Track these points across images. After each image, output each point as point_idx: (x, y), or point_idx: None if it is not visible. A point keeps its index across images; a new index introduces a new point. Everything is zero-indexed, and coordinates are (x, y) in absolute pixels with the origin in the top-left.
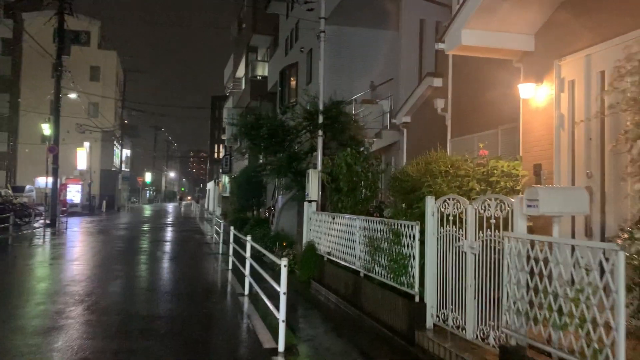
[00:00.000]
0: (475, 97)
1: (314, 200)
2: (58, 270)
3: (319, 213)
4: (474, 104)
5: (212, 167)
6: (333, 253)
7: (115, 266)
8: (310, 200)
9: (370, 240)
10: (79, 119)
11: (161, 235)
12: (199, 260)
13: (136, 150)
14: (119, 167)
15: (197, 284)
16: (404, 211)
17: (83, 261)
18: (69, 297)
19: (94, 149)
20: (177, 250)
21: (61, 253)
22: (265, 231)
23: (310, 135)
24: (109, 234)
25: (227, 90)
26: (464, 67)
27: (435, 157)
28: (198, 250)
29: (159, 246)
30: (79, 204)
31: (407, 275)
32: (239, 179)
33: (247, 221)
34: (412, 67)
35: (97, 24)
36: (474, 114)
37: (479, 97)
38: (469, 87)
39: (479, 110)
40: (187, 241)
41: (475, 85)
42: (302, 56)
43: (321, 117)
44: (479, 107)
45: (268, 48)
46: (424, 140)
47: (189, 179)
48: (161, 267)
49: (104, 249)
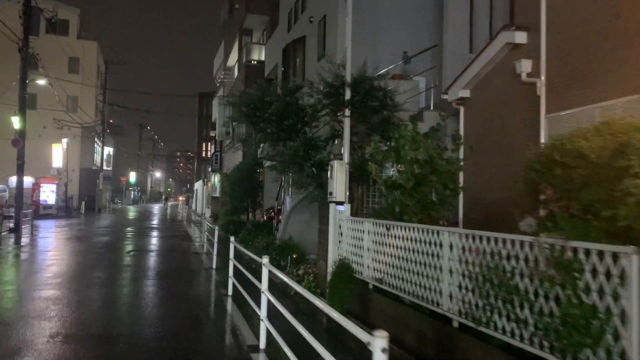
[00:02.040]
0: (596, 46)
1: (340, 201)
2: None
3: (358, 220)
4: (595, 56)
5: (199, 166)
6: (388, 281)
7: (77, 292)
8: (337, 201)
9: (488, 270)
10: (57, 113)
11: (143, 244)
12: (188, 280)
13: (120, 148)
14: (100, 165)
15: (189, 328)
16: (582, 223)
17: (31, 283)
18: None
19: (73, 145)
20: (161, 264)
21: (1, 271)
22: (269, 239)
23: (331, 116)
24: (81, 242)
25: (218, 80)
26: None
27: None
28: (187, 265)
29: (139, 259)
30: (54, 205)
31: (596, 346)
32: (232, 177)
33: (241, 225)
34: (462, 30)
35: (76, 12)
36: (595, 73)
37: (603, 45)
38: (583, 30)
39: (604, 66)
40: (173, 251)
41: (596, 27)
42: (312, 28)
43: (348, 91)
44: (605, 60)
45: (264, 30)
46: (493, 120)
47: (175, 179)
48: (139, 292)
49: (68, 265)
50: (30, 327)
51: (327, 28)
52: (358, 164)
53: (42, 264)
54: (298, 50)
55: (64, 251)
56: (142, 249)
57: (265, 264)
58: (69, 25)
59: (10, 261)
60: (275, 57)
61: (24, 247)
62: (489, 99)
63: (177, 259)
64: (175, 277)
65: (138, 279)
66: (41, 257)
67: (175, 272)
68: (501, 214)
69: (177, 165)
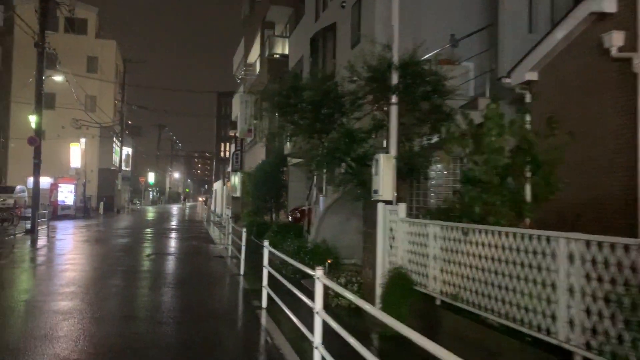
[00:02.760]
0: None
1: (387, 200)
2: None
3: (419, 222)
4: None
5: (218, 166)
6: (467, 297)
7: (91, 305)
8: (385, 200)
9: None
10: (76, 113)
11: (163, 246)
12: (214, 289)
13: (138, 149)
14: (119, 166)
15: (221, 354)
16: None
17: (41, 293)
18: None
19: (92, 146)
20: (183, 270)
21: (12, 278)
22: (299, 242)
23: (373, 104)
24: (98, 244)
25: (238, 77)
26: None
27: None
28: (212, 270)
29: (159, 264)
30: (72, 206)
31: None
32: (255, 176)
33: (265, 226)
34: (520, 8)
35: (95, 11)
36: None
37: None
38: None
39: None
40: (195, 254)
41: None
42: (343, 14)
43: (396, 75)
44: None
45: (287, 23)
46: (570, 106)
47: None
48: (159, 304)
49: (84, 271)
50: (31, 352)
51: (363, 12)
52: (406, 158)
53: (56, 269)
54: (328, 39)
55: (80, 255)
56: (162, 252)
57: (320, 277)
58: (87, 24)
59: (23, 266)
60: (301, 49)
61: (39, 250)
62: (564, 81)
63: (200, 264)
64: (200, 285)
65: (158, 288)
66: (55, 261)
67: (199, 279)
68: (581, 216)
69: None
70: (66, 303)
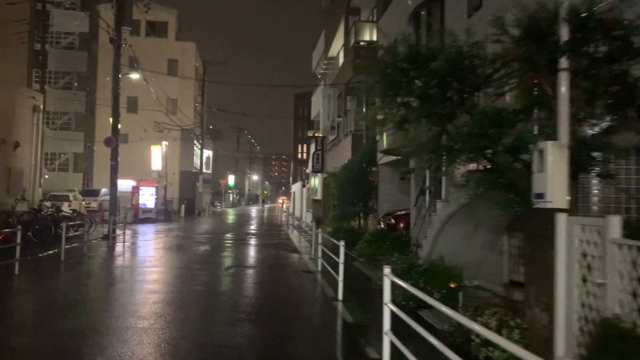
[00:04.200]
0: None
1: (560, 207)
2: None
3: None
4: None
5: (295, 168)
6: None
7: (154, 347)
8: (557, 208)
9: None
10: (157, 116)
11: (244, 256)
12: (308, 324)
13: (218, 151)
14: (200, 168)
15: None
16: None
17: (94, 326)
18: None
19: (173, 148)
20: (266, 291)
21: (66, 303)
22: (409, 259)
23: (525, 74)
24: (175, 254)
25: (318, 73)
26: None
27: None
28: (300, 292)
29: (238, 282)
30: (153, 209)
31: None
32: (341, 176)
33: (354, 233)
34: None
35: (175, 14)
36: None
37: None
38: None
39: None
40: (279, 267)
41: None
42: None
43: (566, 28)
44: None
45: (374, 8)
46: None
47: (270, 182)
48: (237, 349)
49: (153, 292)
50: None
51: None
52: (581, 147)
53: (121, 289)
54: (433, 13)
55: (153, 269)
56: (243, 264)
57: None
58: (167, 27)
59: (85, 282)
60: (393, 31)
61: (109, 261)
62: None
63: (285, 282)
64: (288, 315)
65: (237, 323)
66: (125, 275)
67: (287, 305)
68: None
69: (272, 169)
70: (121, 348)
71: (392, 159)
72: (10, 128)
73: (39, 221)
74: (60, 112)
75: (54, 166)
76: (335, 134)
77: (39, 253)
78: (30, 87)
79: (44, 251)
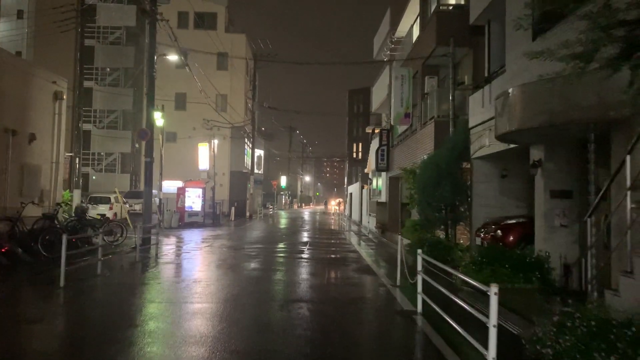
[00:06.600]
0: None
1: None
2: None
3: None
4: None
5: (350, 168)
6: None
7: None
8: None
9: None
10: (206, 113)
11: (303, 283)
12: None
13: (270, 151)
14: (251, 168)
15: None
16: None
17: None
18: None
19: (223, 147)
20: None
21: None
22: (590, 313)
23: None
24: (214, 279)
25: (384, 57)
26: None
27: None
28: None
29: (297, 335)
30: (200, 212)
31: None
32: (423, 174)
33: (442, 247)
34: None
35: (224, 4)
36: None
37: None
38: None
39: None
40: (357, 306)
41: None
42: None
43: None
44: None
45: None
46: None
47: (323, 183)
48: None
49: (175, 345)
50: None
51: None
52: None
53: (128, 342)
54: None
55: (186, 304)
56: (302, 297)
57: None
58: (216, 19)
59: (97, 320)
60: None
61: (128, 290)
62: None
63: (374, 342)
64: None
65: None
66: (149, 313)
67: None
68: None
69: (324, 170)
70: None
71: (492, 150)
72: (23, 117)
73: (51, 230)
74: (107, 110)
75: (101, 167)
76: (409, 122)
77: (36, 273)
78: (81, 85)
79: (44, 271)
